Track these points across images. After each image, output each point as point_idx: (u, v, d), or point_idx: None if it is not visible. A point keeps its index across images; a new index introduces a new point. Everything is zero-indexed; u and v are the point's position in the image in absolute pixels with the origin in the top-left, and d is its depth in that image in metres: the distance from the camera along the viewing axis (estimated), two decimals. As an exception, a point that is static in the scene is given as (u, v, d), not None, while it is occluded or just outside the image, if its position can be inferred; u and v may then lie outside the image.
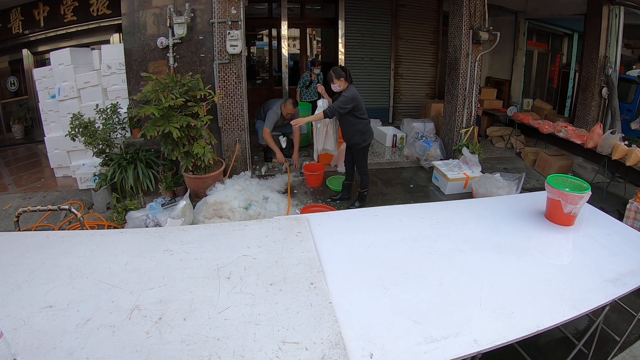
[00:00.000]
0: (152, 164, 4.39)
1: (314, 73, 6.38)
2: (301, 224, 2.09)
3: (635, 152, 4.15)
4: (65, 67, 4.83)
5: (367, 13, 7.49)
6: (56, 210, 2.44)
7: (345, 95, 3.76)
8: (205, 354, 1.24)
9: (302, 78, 6.52)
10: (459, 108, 5.36)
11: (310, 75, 6.42)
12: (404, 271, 1.73)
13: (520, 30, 8.10)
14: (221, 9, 4.33)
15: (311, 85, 6.43)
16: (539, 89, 9.11)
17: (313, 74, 6.39)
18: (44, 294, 1.49)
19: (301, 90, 6.49)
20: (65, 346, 1.25)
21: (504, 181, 4.26)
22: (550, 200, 2.22)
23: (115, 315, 1.39)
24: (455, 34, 5.28)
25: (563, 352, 2.27)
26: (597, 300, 1.60)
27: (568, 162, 5.30)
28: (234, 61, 4.47)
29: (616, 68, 6.29)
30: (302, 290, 1.56)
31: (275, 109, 4.95)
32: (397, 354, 1.28)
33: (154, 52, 4.48)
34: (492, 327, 1.42)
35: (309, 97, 6.54)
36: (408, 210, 2.38)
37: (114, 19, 5.56)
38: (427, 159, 5.44)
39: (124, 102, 4.75)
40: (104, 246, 1.84)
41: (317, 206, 4.18)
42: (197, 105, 3.96)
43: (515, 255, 1.90)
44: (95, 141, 4.11)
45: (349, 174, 4.40)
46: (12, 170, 5.46)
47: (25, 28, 6.02)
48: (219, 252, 1.81)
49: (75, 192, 4.62)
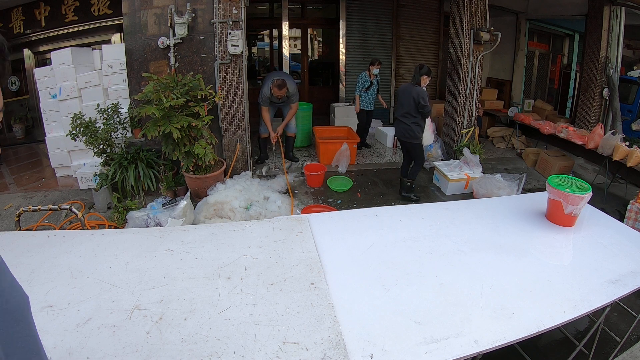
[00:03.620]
0: (153, 163, 4.39)
1: (372, 73, 5.66)
2: (302, 224, 2.09)
3: (636, 153, 4.14)
4: (66, 66, 4.84)
5: (368, 13, 7.49)
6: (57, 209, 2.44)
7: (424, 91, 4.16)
8: (206, 354, 1.24)
9: (360, 79, 5.75)
10: (460, 108, 5.36)
11: (369, 75, 5.69)
12: (404, 271, 1.73)
13: (521, 30, 8.09)
14: (222, 9, 4.33)
15: (371, 88, 5.73)
16: (539, 89, 9.10)
17: (372, 74, 5.67)
18: (44, 294, 1.49)
19: (360, 95, 5.77)
20: (65, 346, 1.25)
21: (504, 182, 4.26)
22: (551, 200, 2.22)
23: (115, 315, 1.39)
24: (456, 35, 5.28)
25: (564, 353, 2.27)
26: (598, 301, 1.59)
27: (569, 163, 5.29)
28: (235, 61, 4.47)
29: (617, 69, 6.28)
30: (303, 290, 1.55)
31: (265, 89, 4.88)
32: (397, 355, 1.28)
33: (155, 52, 4.49)
34: (492, 328, 1.42)
35: (368, 103, 5.82)
36: (409, 210, 2.38)
37: (115, 19, 5.56)
38: (428, 159, 5.44)
39: (125, 102, 4.76)
40: (104, 246, 1.85)
41: (317, 206, 4.18)
42: (198, 105, 3.96)
43: (516, 255, 1.89)
44: (96, 141, 4.11)
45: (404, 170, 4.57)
46: (13, 169, 5.47)
47: (26, 28, 6.03)
48: (219, 252, 1.81)
49: (76, 192, 4.63)
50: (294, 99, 5.08)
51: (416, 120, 4.17)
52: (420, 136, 4.28)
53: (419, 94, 4.07)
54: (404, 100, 4.21)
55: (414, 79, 4.14)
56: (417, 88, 4.10)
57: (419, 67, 4.16)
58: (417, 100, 4.07)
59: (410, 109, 4.14)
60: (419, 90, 4.08)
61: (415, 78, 4.14)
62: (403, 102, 4.22)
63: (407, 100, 4.15)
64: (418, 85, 4.12)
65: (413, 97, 4.08)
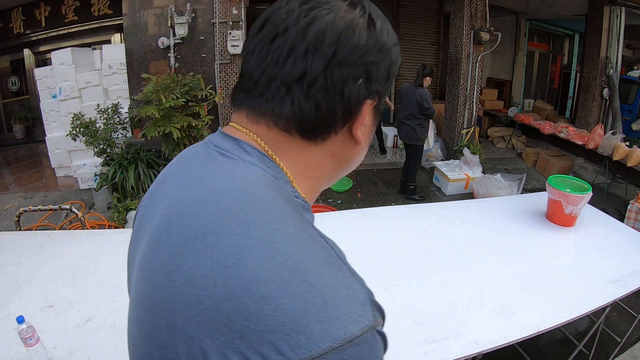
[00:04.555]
0: (153, 164, 4.39)
1: None
2: (302, 224, 2.08)
3: (636, 153, 4.14)
4: (66, 67, 4.84)
5: (368, 13, 7.48)
6: (57, 210, 2.44)
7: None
8: (206, 354, 1.24)
9: None
10: (460, 108, 5.36)
11: None
12: (404, 272, 1.73)
13: (521, 30, 8.09)
14: (222, 9, 4.34)
15: None
16: (540, 89, 9.10)
17: None
18: (44, 294, 1.49)
19: None
20: (65, 346, 1.25)
21: (504, 182, 4.26)
22: (551, 200, 2.22)
23: (115, 315, 1.39)
24: (456, 35, 5.28)
25: (564, 353, 2.27)
26: (598, 301, 1.59)
27: (569, 163, 5.29)
28: (235, 61, 4.47)
29: (617, 69, 6.28)
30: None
31: None
32: (397, 354, 1.28)
33: (155, 52, 4.49)
34: (492, 328, 1.41)
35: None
36: (409, 210, 2.37)
37: (115, 19, 5.56)
38: (428, 159, 5.44)
39: (125, 102, 4.75)
40: (104, 246, 1.85)
41: (317, 206, 4.18)
42: (198, 105, 3.96)
43: (516, 255, 1.89)
44: (96, 141, 4.11)
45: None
46: (13, 169, 5.47)
47: (26, 28, 6.02)
48: (219, 252, 1.81)
49: (76, 192, 4.63)
50: None
51: (420, 122, 4.17)
52: (424, 137, 4.28)
53: (422, 97, 4.06)
54: (406, 102, 4.20)
55: (417, 80, 4.13)
56: (420, 90, 4.07)
57: (422, 67, 4.15)
58: (420, 103, 4.06)
59: (414, 110, 4.13)
60: (422, 93, 4.07)
61: (418, 79, 4.11)
62: (406, 104, 4.21)
63: (410, 102, 4.13)
64: (420, 87, 4.10)
65: (416, 100, 4.07)
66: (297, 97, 0.42)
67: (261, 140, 0.45)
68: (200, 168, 0.45)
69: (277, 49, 0.42)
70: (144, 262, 0.43)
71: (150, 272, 0.41)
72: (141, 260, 0.44)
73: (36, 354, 1.15)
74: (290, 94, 0.42)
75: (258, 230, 0.37)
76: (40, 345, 1.16)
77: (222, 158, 0.45)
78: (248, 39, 0.47)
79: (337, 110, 0.44)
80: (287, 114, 0.43)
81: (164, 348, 0.36)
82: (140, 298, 0.42)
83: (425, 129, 4.25)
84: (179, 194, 0.44)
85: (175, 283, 0.37)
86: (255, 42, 0.45)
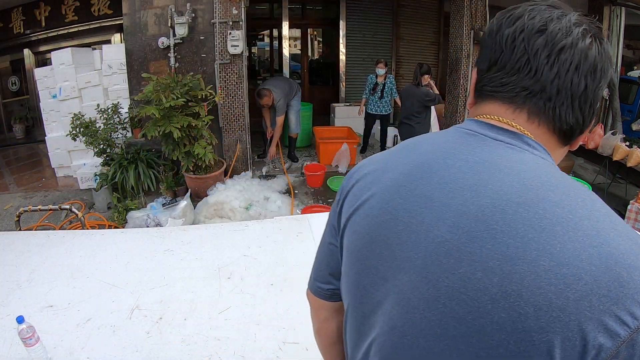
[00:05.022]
0: (153, 164, 4.39)
1: (379, 75, 5.18)
2: (302, 225, 2.08)
3: (636, 153, 4.14)
4: (66, 67, 4.84)
5: (368, 13, 7.48)
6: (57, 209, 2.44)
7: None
8: (206, 354, 1.24)
9: (367, 81, 5.40)
10: (460, 109, 5.36)
11: (376, 77, 5.22)
12: (404, 272, 1.73)
13: (521, 30, 8.09)
14: (222, 9, 4.34)
15: (377, 90, 5.21)
16: (540, 89, 9.10)
17: (379, 75, 5.19)
18: (44, 294, 1.49)
19: (367, 98, 5.38)
20: (65, 346, 1.25)
21: (504, 182, 4.26)
22: (551, 201, 2.21)
23: (115, 315, 1.39)
24: (456, 35, 5.28)
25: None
26: (598, 301, 1.59)
27: (569, 163, 5.30)
28: (235, 61, 4.47)
29: (617, 69, 6.28)
30: (303, 290, 1.54)
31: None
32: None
33: (155, 52, 4.49)
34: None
35: (373, 107, 5.33)
36: (409, 210, 2.37)
37: (115, 19, 5.56)
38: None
39: (125, 102, 4.76)
40: (104, 246, 1.84)
41: (318, 206, 4.18)
42: (198, 105, 3.97)
43: (516, 256, 1.89)
44: (96, 141, 4.11)
45: None
46: (13, 169, 5.47)
47: (26, 28, 6.02)
48: (219, 252, 1.81)
49: (76, 192, 4.63)
50: (279, 112, 4.89)
51: (420, 120, 4.21)
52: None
53: (422, 93, 4.10)
54: (408, 103, 4.25)
55: (415, 80, 4.16)
56: (421, 89, 4.11)
57: (419, 66, 4.18)
58: (422, 100, 4.10)
59: (414, 110, 4.17)
60: (422, 90, 4.10)
61: (416, 78, 4.15)
62: (407, 105, 4.26)
63: (411, 102, 4.17)
64: (420, 86, 4.13)
65: (417, 99, 4.11)
66: (577, 107, 0.51)
67: (533, 136, 0.52)
68: (493, 157, 0.50)
69: (564, 62, 0.49)
70: (461, 253, 0.45)
71: (488, 261, 0.42)
72: (451, 250, 0.45)
73: (36, 354, 1.15)
74: (572, 104, 0.51)
75: (600, 215, 0.44)
76: (40, 345, 1.16)
77: (508, 149, 0.50)
78: (504, 35, 0.53)
79: (590, 122, 0.54)
80: (571, 121, 0.52)
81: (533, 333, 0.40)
82: (471, 292, 0.43)
83: (425, 128, 4.26)
84: (492, 184, 0.47)
85: (543, 267, 0.40)
86: (530, 45, 0.50)
